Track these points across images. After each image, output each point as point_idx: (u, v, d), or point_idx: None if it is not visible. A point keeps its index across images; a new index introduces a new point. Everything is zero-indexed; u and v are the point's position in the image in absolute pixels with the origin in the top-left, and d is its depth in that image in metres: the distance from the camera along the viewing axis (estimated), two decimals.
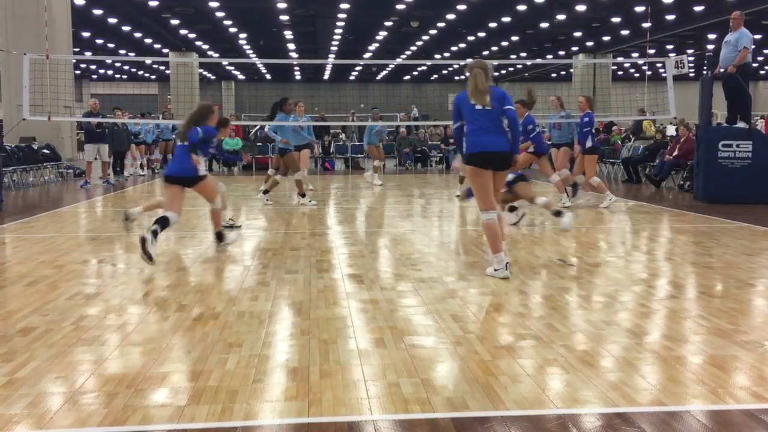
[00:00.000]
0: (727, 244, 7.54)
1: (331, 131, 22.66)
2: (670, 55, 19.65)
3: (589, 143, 10.95)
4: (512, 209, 8.68)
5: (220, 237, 7.28)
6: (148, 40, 36.96)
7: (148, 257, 6.16)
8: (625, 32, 34.89)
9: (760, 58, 43.33)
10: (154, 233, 6.36)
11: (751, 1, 25.92)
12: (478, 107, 5.86)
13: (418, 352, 3.91)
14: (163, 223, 6.59)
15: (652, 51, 37.35)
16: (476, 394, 3.29)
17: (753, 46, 11.61)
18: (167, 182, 6.97)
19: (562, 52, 42.00)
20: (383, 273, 6.16)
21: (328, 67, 50.71)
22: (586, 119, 10.92)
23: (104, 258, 6.92)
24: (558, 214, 7.91)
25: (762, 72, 50.55)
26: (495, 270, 5.83)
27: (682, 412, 3.09)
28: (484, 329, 4.38)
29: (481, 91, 5.84)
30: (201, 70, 45.19)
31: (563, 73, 49.93)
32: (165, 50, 39.24)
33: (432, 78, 56.12)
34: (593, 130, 11.04)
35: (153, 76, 54.43)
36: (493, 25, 32.80)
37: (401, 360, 3.77)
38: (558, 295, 5.30)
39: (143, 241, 6.20)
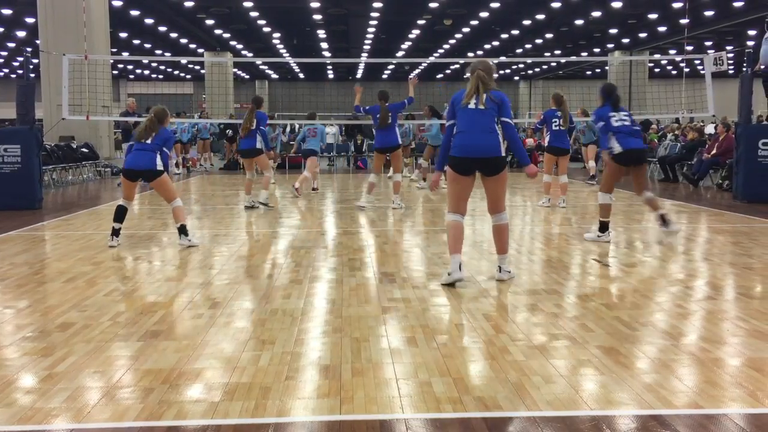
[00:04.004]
0: (767, 244, 7.38)
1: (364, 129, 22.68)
2: (709, 51, 19.30)
3: (546, 142, 11.03)
4: (665, 221, 7.63)
5: (183, 231, 7.45)
6: (183, 40, 37.46)
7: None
8: (662, 29, 34.33)
9: None
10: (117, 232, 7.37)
11: None
12: (471, 106, 5.49)
13: (450, 351, 3.90)
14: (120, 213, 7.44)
15: (690, 48, 36.67)
16: (508, 394, 3.27)
17: None
18: (126, 177, 7.50)
19: (597, 50, 41.50)
20: (415, 272, 6.15)
21: (361, 66, 50.81)
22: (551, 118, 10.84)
23: (140, 255, 7.03)
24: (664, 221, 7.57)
25: None
26: (449, 273, 5.54)
27: (720, 416, 3.03)
28: (517, 329, 4.35)
29: (480, 93, 5.50)
30: (235, 70, 45.65)
31: (598, 70, 49.32)
32: (200, 50, 39.74)
33: (465, 76, 55.84)
34: (559, 129, 10.75)
35: (188, 76, 55.13)
36: (527, 22, 32.53)
37: (433, 359, 3.76)
38: (593, 295, 5.24)
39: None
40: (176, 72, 53.72)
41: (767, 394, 3.26)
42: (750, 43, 31.81)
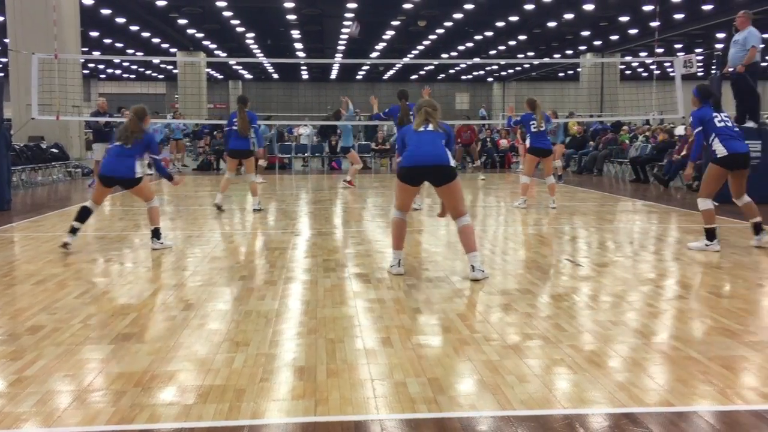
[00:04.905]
0: (736, 243, 7.51)
1: (338, 131, 22.68)
2: (679, 54, 19.58)
3: (528, 144, 11.09)
4: (758, 229, 7.25)
5: (156, 234, 7.33)
6: (155, 40, 37.10)
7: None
8: (633, 31, 34.77)
9: None
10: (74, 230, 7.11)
11: (758, 0, 25.78)
12: (421, 129, 5.87)
13: (425, 352, 3.90)
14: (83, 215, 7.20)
15: (660, 50, 37.18)
16: (483, 393, 3.29)
17: (762, 45, 11.55)
18: (102, 182, 7.26)
19: (569, 52, 41.91)
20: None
21: (336, 67, 50.76)
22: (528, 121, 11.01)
23: (112, 257, 6.95)
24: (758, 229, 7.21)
25: None
26: (391, 266, 6.01)
27: (690, 413, 3.07)
28: (491, 329, 4.38)
29: (430, 122, 5.89)
30: (208, 70, 45.31)
31: (571, 72, 49.81)
32: (173, 50, 39.38)
33: (439, 77, 56.07)
34: (538, 131, 10.89)
35: (161, 76, 54.61)
36: (500, 24, 32.75)
37: (408, 359, 3.77)
38: (566, 294, 5.29)
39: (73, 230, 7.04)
40: (148, 72, 53.17)
41: (736, 391, 3.31)
42: (719, 45, 32.34)
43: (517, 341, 4.10)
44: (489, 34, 35.55)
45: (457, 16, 30.32)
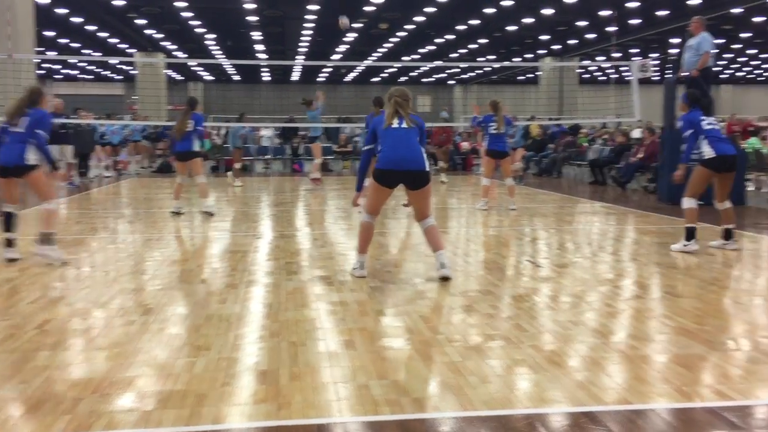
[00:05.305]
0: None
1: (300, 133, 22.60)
2: (635, 58, 19.96)
3: (485, 146, 11.27)
4: (728, 236, 7.27)
5: (46, 240, 6.51)
6: (113, 40, 36.46)
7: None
8: (591, 36, 35.35)
9: (721, 62, 44.23)
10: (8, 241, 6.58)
11: (712, 6, 26.44)
12: (395, 125, 5.76)
13: (387, 354, 3.91)
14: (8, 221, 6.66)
15: (617, 55, 37.87)
16: (445, 394, 3.30)
17: (715, 50, 11.84)
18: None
19: (529, 55, 42.41)
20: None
21: (297, 69, 50.55)
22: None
23: (68, 261, 6.80)
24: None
25: (723, 76, 51.61)
26: (354, 269, 5.96)
27: (648, 411, 3.13)
28: (454, 330, 4.40)
29: (402, 116, 5.78)
30: (168, 71, 44.71)
31: (531, 75, 50.39)
32: (131, 50, 38.75)
33: (401, 80, 56.23)
34: (497, 133, 11.05)
35: (119, 77, 53.71)
36: (461, 27, 32.99)
37: (371, 361, 3.77)
38: (526, 295, 5.35)
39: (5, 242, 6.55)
40: (105, 72, 52.24)
41: (693, 389, 3.39)
42: (673, 50, 33.09)
43: (479, 342, 4.13)
44: (450, 37, 35.77)
45: (419, 19, 30.45)
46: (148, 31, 34.12)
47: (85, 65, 47.21)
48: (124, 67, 46.30)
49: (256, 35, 35.60)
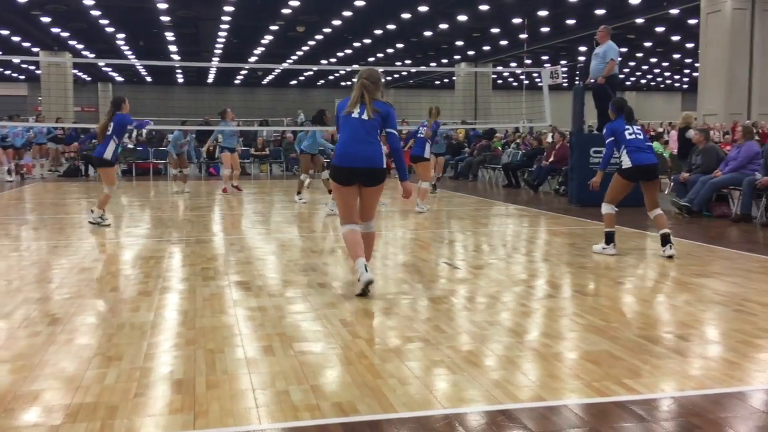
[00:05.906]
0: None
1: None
2: (546, 65, 20.62)
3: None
4: (665, 241, 7.18)
5: None
6: (15, 38, 34.80)
7: None
8: (503, 42, 36.30)
9: (626, 70, 46.27)
10: None
11: (618, 16, 27.63)
12: (354, 115, 5.42)
13: (307, 359, 3.88)
14: None
15: (528, 61, 39.02)
16: (366, 398, 3.31)
17: (620, 59, 12.38)
18: None
19: (445, 60, 43.14)
20: (271, 279, 6.08)
21: (213, 71, 49.65)
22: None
23: None
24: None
25: (627, 83, 54.02)
26: (358, 279, 5.43)
27: (561, 407, 3.23)
28: (373, 333, 4.41)
29: (365, 103, 5.42)
30: (75, 71, 43.03)
31: (446, 80, 51.28)
32: (35, 49, 37.09)
33: (318, 83, 56.12)
34: (422, 138, 11.48)
35: (22, 77, 51.31)
36: (378, 32, 33.23)
37: (290, 367, 3.73)
38: (444, 297, 5.42)
39: None
40: (8, 72, 49.79)
41: (603, 384, 3.52)
42: (581, 58, 34.36)
43: (398, 344, 4.16)
44: (367, 41, 35.98)
45: (336, 22, 30.50)
46: (53, 30, 32.75)
47: None
48: (28, 66, 44.27)
49: (170, 36, 34.77)
